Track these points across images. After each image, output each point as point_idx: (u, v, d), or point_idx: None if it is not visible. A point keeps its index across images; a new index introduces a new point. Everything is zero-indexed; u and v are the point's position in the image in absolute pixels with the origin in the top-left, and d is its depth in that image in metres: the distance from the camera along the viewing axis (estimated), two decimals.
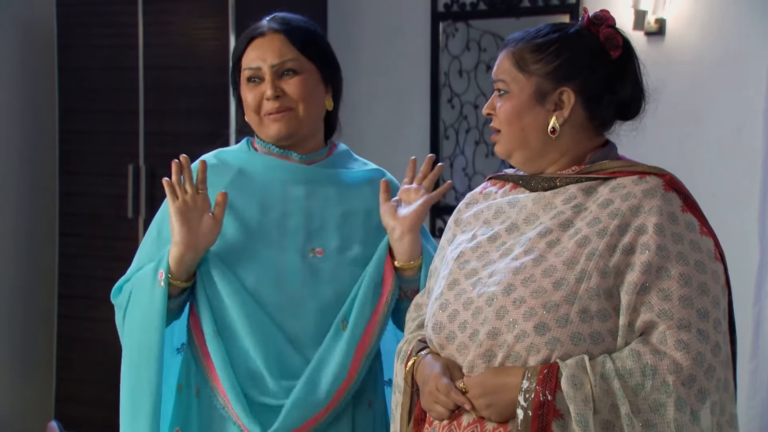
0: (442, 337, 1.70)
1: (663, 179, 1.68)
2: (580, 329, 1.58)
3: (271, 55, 1.99)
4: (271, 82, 1.98)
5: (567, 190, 1.70)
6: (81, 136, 4.15)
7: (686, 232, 1.63)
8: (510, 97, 1.71)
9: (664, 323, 1.58)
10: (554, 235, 1.66)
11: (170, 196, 1.93)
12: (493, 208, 1.77)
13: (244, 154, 2.06)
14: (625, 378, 1.56)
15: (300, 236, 1.99)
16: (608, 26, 1.71)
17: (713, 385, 1.59)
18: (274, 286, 1.95)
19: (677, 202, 1.66)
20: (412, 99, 4.17)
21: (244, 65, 2.01)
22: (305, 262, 1.97)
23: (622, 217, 1.63)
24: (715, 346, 1.59)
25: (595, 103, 1.71)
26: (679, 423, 1.55)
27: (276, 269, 1.96)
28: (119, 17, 4.03)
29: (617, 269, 1.61)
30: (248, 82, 2.00)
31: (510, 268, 1.65)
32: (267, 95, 1.97)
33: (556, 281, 1.61)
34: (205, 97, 3.89)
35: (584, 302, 1.59)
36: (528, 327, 1.59)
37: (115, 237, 4.07)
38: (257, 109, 1.99)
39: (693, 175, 3.63)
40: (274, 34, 2.00)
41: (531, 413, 1.56)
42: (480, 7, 4.02)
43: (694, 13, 3.61)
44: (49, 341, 4.25)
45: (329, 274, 1.98)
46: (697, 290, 1.60)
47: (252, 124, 2.03)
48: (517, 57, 1.70)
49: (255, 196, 2.00)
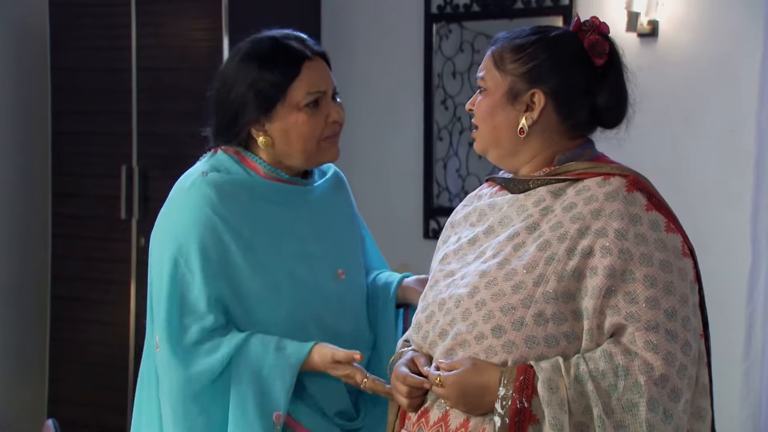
0: (420, 336, 1.74)
1: (626, 179, 1.68)
2: (534, 332, 1.60)
3: (328, 78, 1.93)
4: (338, 104, 1.93)
5: (537, 192, 1.72)
6: (74, 137, 4.14)
7: (650, 231, 1.63)
8: (486, 95, 1.74)
9: (632, 326, 1.59)
10: (521, 238, 1.68)
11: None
12: (478, 211, 1.80)
13: (253, 180, 1.94)
14: (597, 379, 1.57)
15: (326, 260, 1.97)
16: (598, 34, 1.71)
17: (686, 384, 1.59)
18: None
19: (641, 201, 1.66)
20: (406, 100, 4.17)
21: (305, 90, 1.89)
22: (335, 286, 1.97)
23: (583, 221, 1.64)
24: (684, 345, 1.60)
25: (567, 107, 1.71)
26: (651, 423, 1.55)
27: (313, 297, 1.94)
28: (112, 18, 4.02)
29: (577, 272, 1.62)
30: (307, 107, 1.90)
31: (478, 270, 1.68)
32: (335, 118, 1.92)
33: (515, 285, 1.63)
34: (197, 98, 3.85)
35: (540, 306, 1.60)
36: (486, 329, 1.62)
37: (108, 238, 4.06)
38: (318, 135, 1.92)
39: (686, 176, 3.65)
40: (319, 58, 1.93)
41: (508, 421, 1.57)
42: (473, 9, 4.03)
43: (687, 15, 3.62)
44: (42, 343, 4.24)
45: (353, 295, 2.00)
46: (663, 290, 1.60)
47: (302, 151, 1.92)
48: (497, 56, 1.73)
49: (269, 225, 1.94)
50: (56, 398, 4.19)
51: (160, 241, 1.94)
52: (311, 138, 1.91)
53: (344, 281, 1.98)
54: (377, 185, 4.16)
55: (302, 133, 1.90)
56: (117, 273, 4.04)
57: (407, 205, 4.18)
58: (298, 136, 1.90)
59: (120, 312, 4.01)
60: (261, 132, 1.92)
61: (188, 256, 1.87)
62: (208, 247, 1.87)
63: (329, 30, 4.26)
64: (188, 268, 1.87)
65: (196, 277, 1.86)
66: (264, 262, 1.89)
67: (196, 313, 1.86)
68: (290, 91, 1.89)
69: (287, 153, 1.93)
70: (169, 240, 1.90)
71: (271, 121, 1.90)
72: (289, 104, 1.89)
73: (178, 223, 1.90)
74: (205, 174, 1.93)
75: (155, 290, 1.94)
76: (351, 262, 2.03)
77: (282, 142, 1.91)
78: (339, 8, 4.29)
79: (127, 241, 4.01)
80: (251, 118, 1.90)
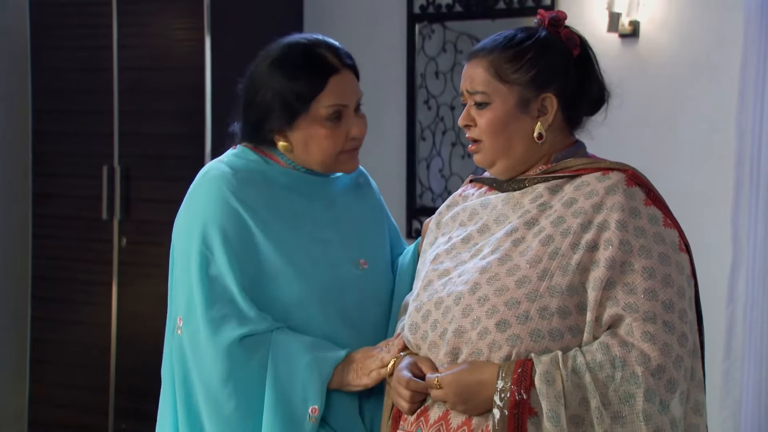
0: (418, 338, 1.73)
1: (626, 174, 1.71)
2: (539, 326, 1.61)
3: (352, 92, 1.92)
4: (360, 118, 1.93)
5: (535, 189, 1.74)
6: (54, 137, 4.11)
7: (649, 225, 1.66)
8: (493, 108, 1.73)
9: (630, 316, 1.61)
10: (519, 233, 1.69)
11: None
12: (468, 210, 1.81)
13: (278, 171, 1.96)
14: (595, 371, 1.58)
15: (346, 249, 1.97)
16: (564, 26, 1.76)
17: (682, 375, 1.61)
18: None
19: (640, 196, 1.69)
20: (389, 100, 4.17)
21: (328, 103, 1.89)
22: (357, 273, 1.96)
23: (585, 215, 1.67)
24: (681, 336, 1.62)
25: (572, 105, 1.74)
26: (648, 413, 1.57)
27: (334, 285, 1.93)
28: (93, 18, 4.00)
29: (581, 266, 1.63)
30: (328, 120, 1.89)
31: (477, 267, 1.68)
32: (355, 134, 1.92)
33: (518, 279, 1.64)
34: (180, 97, 3.87)
35: (545, 300, 1.61)
36: (490, 324, 1.62)
37: (89, 239, 4.04)
38: (338, 149, 1.92)
39: (666, 176, 3.66)
40: (347, 70, 1.93)
41: (507, 413, 1.57)
42: (456, 9, 4.03)
43: (668, 15, 3.63)
44: (23, 344, 4.22)
45: (376, 286, 1.98)
46: (661, 282, 1.62)
47: (320, 162, 1.93)
48: (495, 68, 1.72)
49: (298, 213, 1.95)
50: (37, 399, 4.17)
51: (182, 229, 1.94)
52: (330, 151, 1.91)
53: (367, 270, 1.97)
54: None
55: (322, 147, 1.91)
56: (98, 274, 4.02)
57: (390, 204, 4.14)
58: (318, 148, 1.91)
59: (101, 313, 3.99)
60: (282, 138, 1.93)
61: (211, 243, 1.87)
62: (229, 231, 1.87)
63: (311, 30, 4.25)
64: (212, 255, 1.87)
65: (223, 264, 1.86)
66: (283, 241, 1.89)
67: (225, 296, 1.85)
68: (314, 104, 1.89)
69: (305, 161, 1.95)
70: (192, 228, 1.90)
71: (292, 130, 1.91)
72: (312, 117, 1.90)
73: (199, 211, 1.91)
74: (223, 161, 1.96)
75: (179, 278, 1.92)
76: (375, 254, 2.01)
77: (301, 151, 1.93)
78: (321, 8, 4.28)
79: (109, 241, 4.00)
80: (274, 127, 1.92)
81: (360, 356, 1.86)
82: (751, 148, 3.42)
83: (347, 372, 1.85)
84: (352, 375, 1.84)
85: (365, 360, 1.84)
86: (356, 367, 1.85)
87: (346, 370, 1.85)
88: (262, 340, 1.84)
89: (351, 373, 1.84)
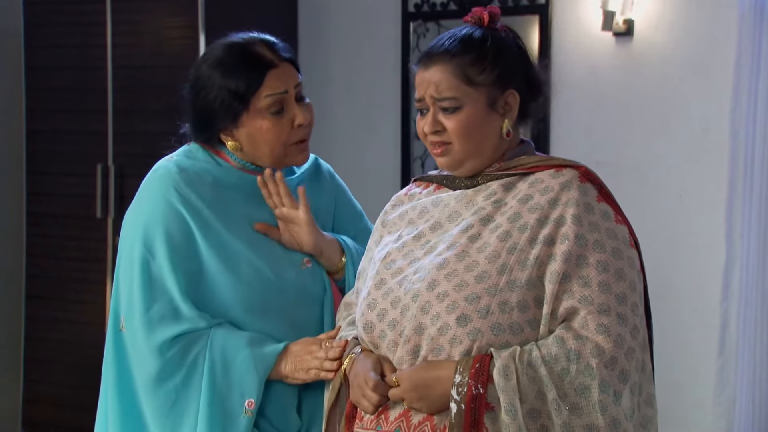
0: (374, 336, 1.74)
1: (579, 171, 1.75)
2: (500, 320, 1.63)
3: (290, 78, 1.93)
4: (304, 106, 1.95)
5: (488, 187, 1.77)
6: (48, 135, 4.11)
7: (602, 220, 1.70)
8: (465, 112, 1.74)
9: (584, 308, 1.64)
10: (475, 229, 1.72)
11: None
12: (417, 209, 1.83)
13: (227, 172, 1.98)
14: (550, 364, 1.61)
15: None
16: (498, 20, 1.80)
17: (633, 366, 1.64)
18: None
19: (593, 192, 1.73)
20: (383, 99, 4.17)
21: (266, 94, 1.91)
22: (297, 275, 1.98)
23: (542, 211, 1.70)
24: (633, 329, 1.65)
25: (528, 96, 1.79)
26: (603, 404, 1.60)
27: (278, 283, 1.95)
28: (87, 16, 3.99)
29: (539, 260, 1.66)
30: (270, 113, 1.92)
31: (434, 264, 1.70)
32: (300, 121, 1.93)
33: (478, 275, 1.66)
34: (173, 96, 3.84)
35: (505, 294, 1.64)
36: (450, 319, 1.64)
37: (83, 237, 4.04)
38: (285, 140, 1.93)
39: (660, 175, 3.67)
40: (286, 63, 1.94)
41: (464, 407, 1.60)
42: (450, 8, 4.03)
43: (662, 14, 3.64)
44: (17, 343, 4.21)
45: (318, 284, 2.00)
46: (615, 276, 1.66)
47: (269, 155, 1.95)
48: (460, 73, 1.73)
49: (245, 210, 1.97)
50: (31, 398, 4.17)
51: (128, 227, 1.97)
52: (277, 143, 1.93)
53: (309, 270, 1.98)
54: (354, 184, 4.13)
55: (268, 139, 1.93)
56: (92, 272, 4.01)
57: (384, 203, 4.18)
58: (264, 142, 1.93)
59: (95, 311, 3.99)
60: (229, 137, 1.96)
61: (153, 243, 1.90)
62: (171, 231, 1.90)
63: (306, 29, 4.25)
64: (153, 256, 1.90)
65: (164, 264, 1.89)
66: (224, 244, 1.92)
67: (165, 296, 1.89)
68: (254, 99, 1.91)
69: (255, 157, 1.97)
70: (136, 227, 1.94)
71: (238, 128, 1.94)
72: (254, 112, 1.92)
73: (143, 210, 1.94)
74: (172, 159, 1.99)
75: (122, 276, 1.95)
76: None
77: (249, 147, 1.95)
78: (316, 7, 4.28)
79: (103, 240, 3.99)
80: (219, 126, 1.95)
81: (298, 349, 1.88)
82: (745, 146, 3.43)
83: (286, 363, 1.88)
84: (290, 367, 1.88)
85: (304, 355, 1.87)
86: (295, 360, 1.88)
87: (284, 362, 1.88)
88: (199, 337, 1.87)
89: (289, 365, 1.88)
